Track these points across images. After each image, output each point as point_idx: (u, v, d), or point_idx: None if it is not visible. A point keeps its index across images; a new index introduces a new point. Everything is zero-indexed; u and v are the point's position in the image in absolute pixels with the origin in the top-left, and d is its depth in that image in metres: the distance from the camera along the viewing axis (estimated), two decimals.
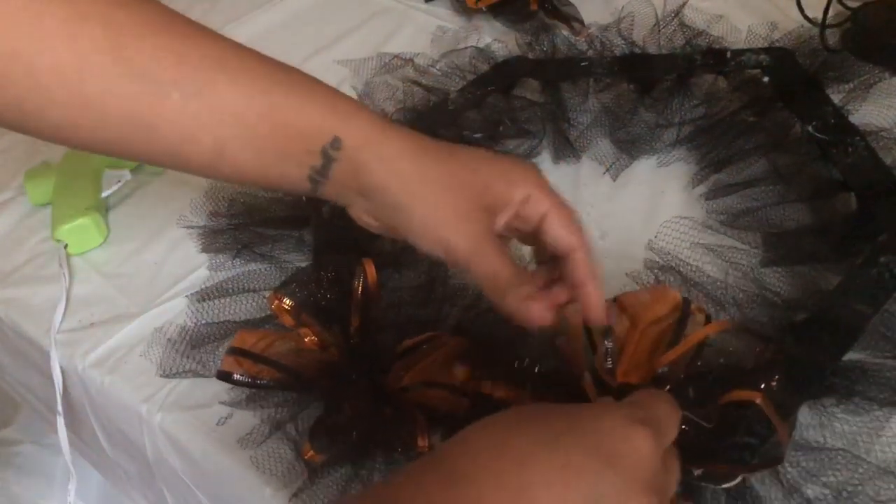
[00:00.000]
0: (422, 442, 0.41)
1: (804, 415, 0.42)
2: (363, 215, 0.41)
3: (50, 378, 0.56)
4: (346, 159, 0.38)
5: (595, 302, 0.40)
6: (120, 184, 0.62)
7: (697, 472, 0.38)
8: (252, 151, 0.38)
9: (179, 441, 0.47)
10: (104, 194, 0.62)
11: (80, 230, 0.58)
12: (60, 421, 0.54)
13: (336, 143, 0.38)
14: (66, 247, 0.58)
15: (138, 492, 0.61)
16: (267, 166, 0.39)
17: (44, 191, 0.62)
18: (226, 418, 0.46)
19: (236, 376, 0.44)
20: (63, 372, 0.53)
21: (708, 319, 0.44)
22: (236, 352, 0.45)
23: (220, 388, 0.47)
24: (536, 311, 0.38)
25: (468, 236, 0.38)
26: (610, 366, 0.42)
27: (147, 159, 0.39)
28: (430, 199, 0.38)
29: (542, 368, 0.43)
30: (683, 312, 0.43)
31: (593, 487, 0.29)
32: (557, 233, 0.40)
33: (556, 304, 0.40)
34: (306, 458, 0.42)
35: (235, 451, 0.45)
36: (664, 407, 0.33)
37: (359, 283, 0.47)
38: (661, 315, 0.43)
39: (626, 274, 0.51)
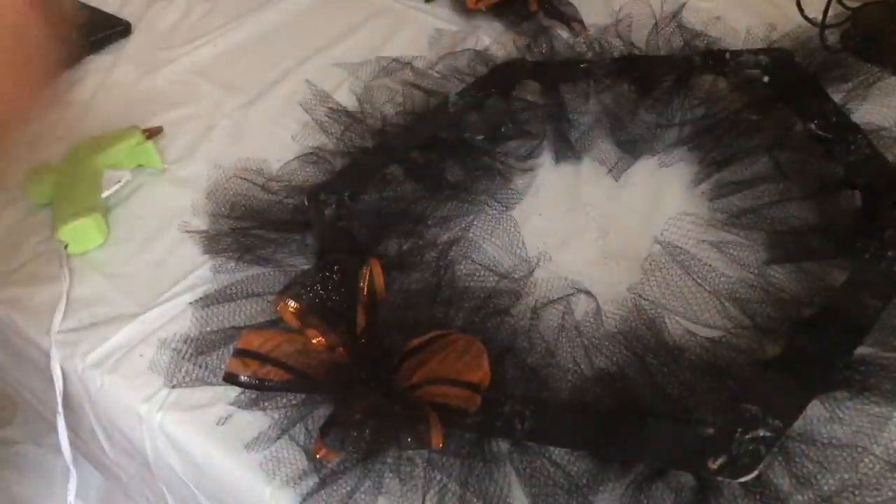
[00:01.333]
0: (436, 439, 0.40)
1: (816, 408, 0.42)
2: None
3: (50, 378, 0.55)
4: None
5: None
6: (120, 184, 0.62)
7: (713, 465, 0.38)
8: None
9: (179, 441, 0.47)
10: (104, 195, 0.62)
11: (81, 230, 0.58)
12: (61, 420, 0.54)
13: None
14: (66, 247, 0.58)
15: (138, 492, 0.61)
16: None
17: (44, 191, 0.62)
18: (226, 418, 0.46)
19: (243, 378, 0.44)
20: (63, 372, 0.53)
21: None
22: (242, 353, 0.45)
23: (221, 388, 0.47)
24: None
25: None
26: None
27: None
28: None
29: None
30: None
31: None
32: None
33: None
34: (318, 456, 0.41)
35: (235, 451, 0.45)
36: None
37: (364, 283, 0.47)
38: None
39: (627, 289, 0.51)
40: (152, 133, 0.67)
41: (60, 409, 0.54)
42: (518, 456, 0.42)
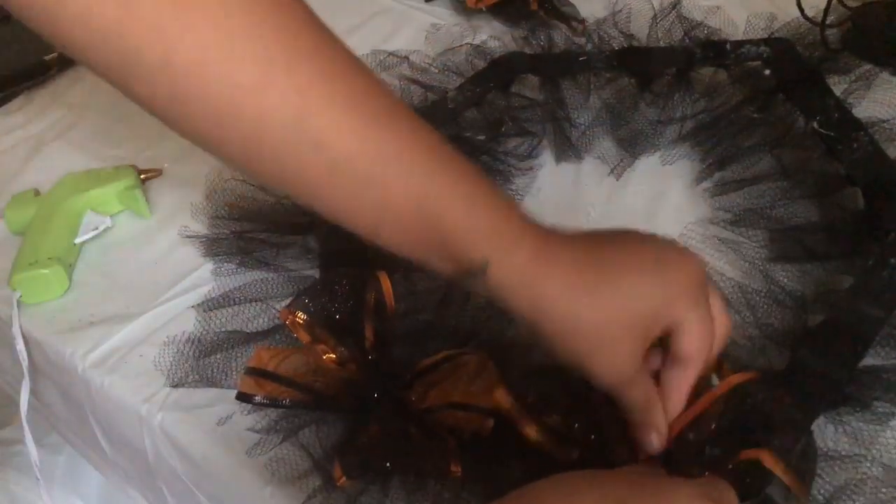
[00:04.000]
0: (454, 468, 0.40)
1: (819, 422, 0.41)
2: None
3: (50, 379, 0.56)
4: (493, 280, 0.37)
5: (662, 428, 0.39)
6: (97, 231, 0.58)
7: None
8: (403, 236, 0.37)
9: (179, 441, 0.47)
10: (78, 240, 0.57)
11: (38, 281, 0.54)
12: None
13: (484, 265, 0.36)
14: (20, 297, 0.54)
15: (138, 492, 0.61)
16: (415, 251, 0.38)
17: (22, 220, 0.59)
18: (226, 418, 0.46)
19: (256, 398, 0.44)
20: (63, 371, 0.53)
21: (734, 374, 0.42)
22: (255, 372, 0.44)
23: (221, 388, 0.48)
24: (657, 442, 0.38)
25: (625, 366, 0.37)
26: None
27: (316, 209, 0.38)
28: (583, 338, 0.37)
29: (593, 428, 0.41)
30: (714, 370, 0.41)
31: None
32: (688, 342, 0.38)
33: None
34: (338, 483, 0.40)
35: (235, 451, 0.45)
36: (730, 495, 0.34)
37: (372, 295, 0.46)
38: None
39: None
40: (149, 176, 0.63)
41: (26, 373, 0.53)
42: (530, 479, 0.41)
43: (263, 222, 0.57)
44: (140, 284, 0.56)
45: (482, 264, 0.36)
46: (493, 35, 0.75)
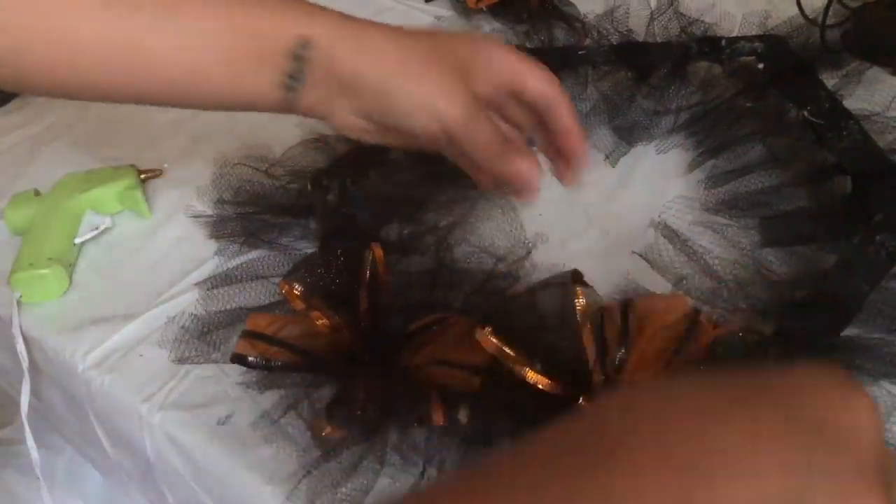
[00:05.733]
0: (437, 417, 0.41)
1: None
2: (350, 119, 0.42)
3: (50, 379, 0.56)
4: (320, 57, 0.39)
5: (579, 144, 0.44)
6: (97, 231, 0.58)
7: None
8: (223, 66, 0.39)
9: (180, 441, 0.47)
10: (77, 240, 0.58)
11: (38, 281, 0.54)
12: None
13: (304, 42, 0.38)
14: (19, 297, 0.54)
15: (139, 492, 0.61)
16: (241, 80, 0.40)
17: (22, 220, 0.59)
18: (226, 418, 0.46)
19: (251, 358, 0.44)
20: (63, 371, 0.53)
21: (715, 327, 0.44)
22: (250, 335, 0.45)
23: (221, 387, 0.47)
24: (525, 167, 0.41)
25: (459, 104, 0.40)
26: (618, 363, 0.42)
27: (134, 94, 0.41)
28: (414, 74, 0.40)
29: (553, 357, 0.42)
30: (692, 321, 0.43)
31: (798, 458, 0.20)
32: (535, 88, 0.43)
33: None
34: (323, 434, 0.41)
35: (236, 450, 0.45)
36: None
37: (367, 266, 0.47)
38: (671, 322, 0.43)
39: (633, 251, 0.51)
40: (149, 176, 0.63)
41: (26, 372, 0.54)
42: (517, 437, 0.42)
43: (267, 205, 0.57)
44: (140, 284, 0.56)
45: (301, 43, 0.38)
46: (495, 30, 0.75)
